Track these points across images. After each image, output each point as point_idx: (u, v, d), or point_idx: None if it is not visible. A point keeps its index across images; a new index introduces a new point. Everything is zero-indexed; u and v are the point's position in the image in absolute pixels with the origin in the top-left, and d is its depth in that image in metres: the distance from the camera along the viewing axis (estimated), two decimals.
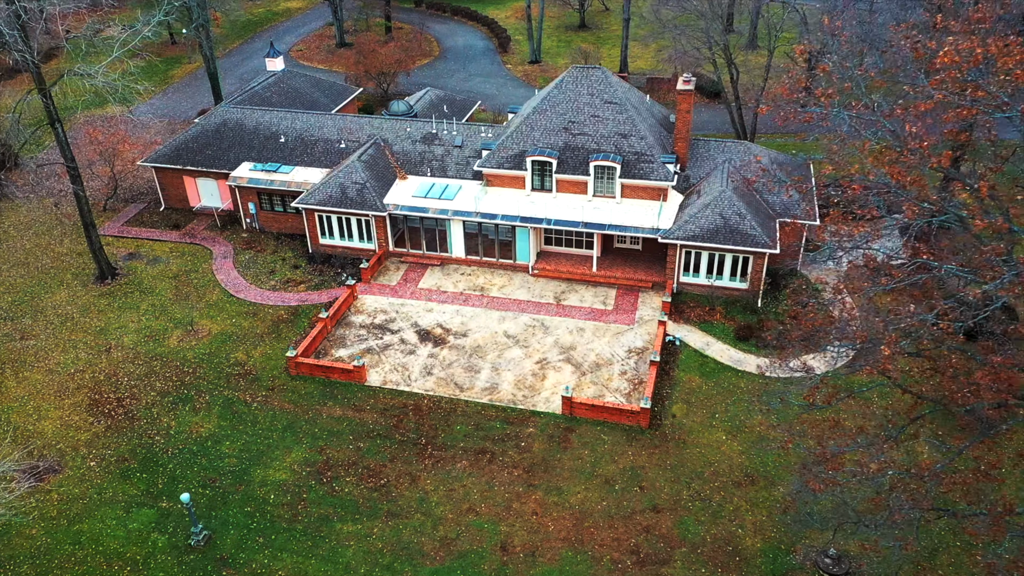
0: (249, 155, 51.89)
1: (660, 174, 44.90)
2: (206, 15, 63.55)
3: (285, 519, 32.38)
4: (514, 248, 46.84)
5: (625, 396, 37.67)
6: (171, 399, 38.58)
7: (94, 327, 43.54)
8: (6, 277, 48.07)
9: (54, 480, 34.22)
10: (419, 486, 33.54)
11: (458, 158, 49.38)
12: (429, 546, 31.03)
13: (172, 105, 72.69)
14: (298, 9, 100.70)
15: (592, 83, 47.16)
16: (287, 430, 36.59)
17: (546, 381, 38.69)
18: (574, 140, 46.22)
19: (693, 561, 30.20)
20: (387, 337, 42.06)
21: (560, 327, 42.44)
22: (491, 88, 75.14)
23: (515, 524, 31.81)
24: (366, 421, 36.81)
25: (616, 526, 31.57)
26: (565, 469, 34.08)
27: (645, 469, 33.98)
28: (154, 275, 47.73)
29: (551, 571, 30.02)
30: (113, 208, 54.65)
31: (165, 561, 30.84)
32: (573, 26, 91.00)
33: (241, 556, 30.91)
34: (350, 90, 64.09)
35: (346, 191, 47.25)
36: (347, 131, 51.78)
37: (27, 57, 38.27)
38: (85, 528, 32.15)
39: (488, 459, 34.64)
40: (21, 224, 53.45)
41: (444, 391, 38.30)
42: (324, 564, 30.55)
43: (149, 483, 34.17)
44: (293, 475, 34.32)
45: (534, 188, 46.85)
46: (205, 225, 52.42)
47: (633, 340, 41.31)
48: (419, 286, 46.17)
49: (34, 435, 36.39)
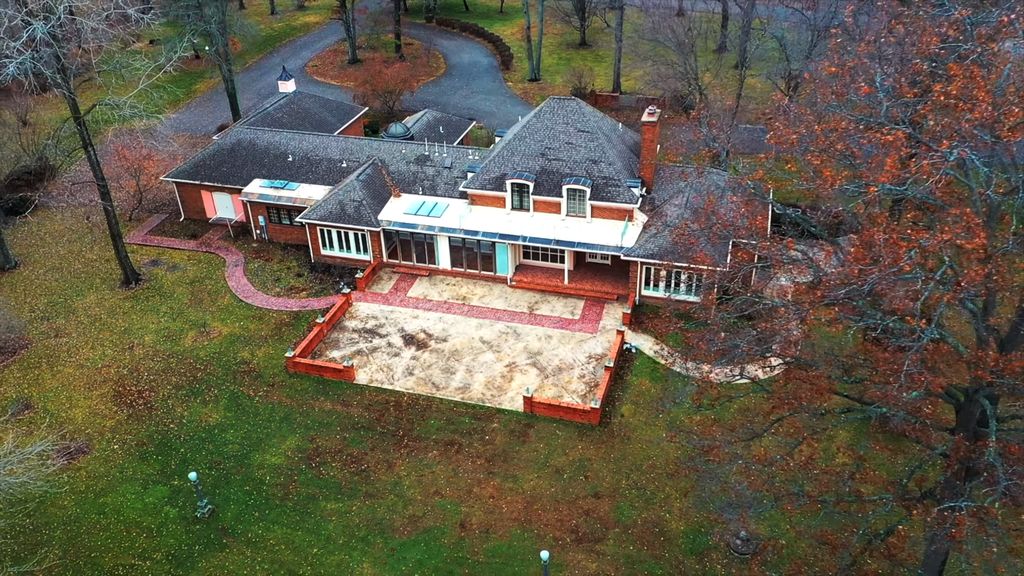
0: (260, 172, 57.37)
1: (626, 197, 49.75)
2: (225, 40, 69.18)
3: (278, 497, 37.72)
4: (494, 261, 51.90)
5: (581, 397, 42.63)
6: (184, 392, 44.10)
7: (119, 327, 49.20)
8: (42, 280, 53.91)
9: (83, 460, 39.82)
10: (394, 472, 38.74)
11: (447, 178, 54.51)
12: (399, 522, 36.23)
13: (194, 119, 78.47)
14: (315, 24, 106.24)
15: (567, 113, 52.09)
16: (283, 421, 41.96)
17: (512, 382, 43.74)
18: (550, 165, 51.19)
19: (624, 540, 35.13)
20: (376, 341, 47.32)
21: (530, 334, 47.45)
22: (491, 106, 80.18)
23: (474, 506, 36.90)
24: (352, 415, 42.09)
25: (561, 509, 36.57)
26: (522, 460, 39.13)
27: (591, 461, 38.93)
28: (173, 281, 53.35)
29: (501, 546, 35.09)
30: (138, 218, 60.40)
31: (175, 530, 36.30)
32: (574, 44, 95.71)
33: (240, 527, 36.29)
34: (356, 109, 69.48)
35: (345, 208, 52.55)
36: (348, 152, 57.10)
37: (65, 92, 43.92)
38: (108, 501, 37.70)
39: (456, 450, 39.77)
40: (56, 232, 59.33)
41: (422, 390, 43.49)
42: (309, 535, 35.84)
43: (163, 464, 39.67)
44: (287, 460, 39.67)
45: (513, 207, 51.88)
46: (220, 235, 58.02)
47: (594, 347, 46.24)
48: (408, 294, 51.37)
49: (66, 421, 42.04)
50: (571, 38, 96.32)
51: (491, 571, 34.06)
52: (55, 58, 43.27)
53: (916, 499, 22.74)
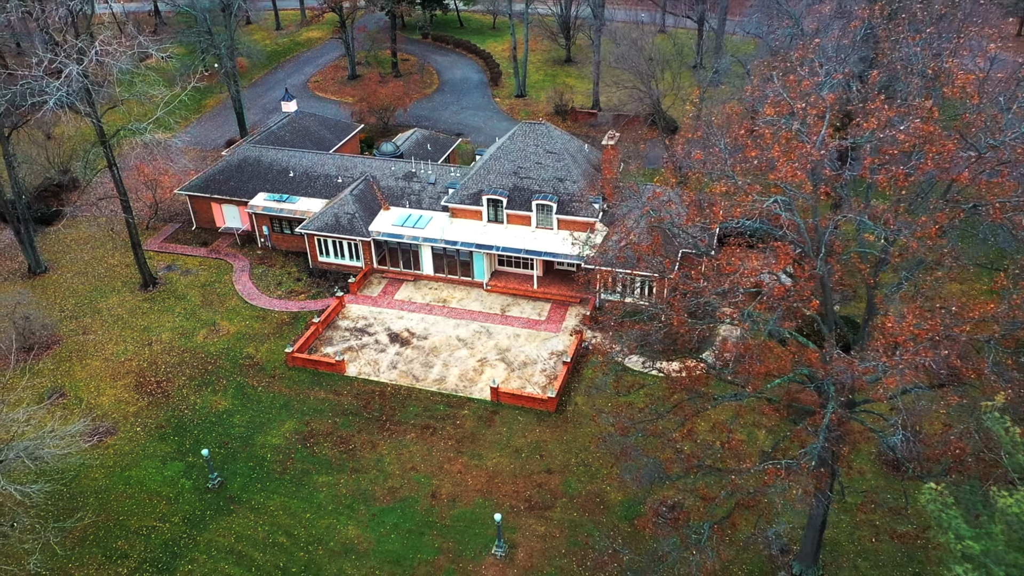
0: (264, 187, 63.81)
1: (588, 212, 56.03)
2: (234, 63, 75.64)
3: (277, 471, 44.14)
4: (472, 268, 58.24)
5: (541, 388, 48.95)
6: (197, 383, 50.55)
7: (139, 325, 55.70)
8: (70, 283, 60.48)
9: (111, 440, 46.33)
10: (377, 450, 45.13)
11: (431, 193, 60.86)
12: (380, 492, 42.62)
13: (204, 134, 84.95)
14: (318, 39, 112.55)
15: (537, 136, 58.40)
16: (283, 408, 48.39)
17: (483, 375, 50.07)
18: (521, 183, 57.50)
19: (569, 508, 41.44)
20: (365, 338, 53.71)
21: (501, 333, 53.79)
22: (479, 121, 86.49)
23: (444, 479, 43.27)
24: (342, 402, 48.49)
25: (517, 482, 42.89)
26: (487, 441, 45.46)
27: (546, 442, 45.26)
28: (186, 284, 59.85)
29: (466, 512, 41.43)
30: (154, 227, 66.94)
31: (190, 498, 42.75)
32: (560, 60, 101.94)
33: (244, 496, 42.72)
34: (353, 127, 75.88)
35: (340, 220, 58.94)
36: (343, 168, 63.51)
37: (94, 121, 50.40)
38: (133, 474, 44.18)
39: (431, 432, 46.14)
40: (80, 239, 65.91)
41: (404, 381, 49.87)
42: (303, 503, 42.24)
43: (179, 443, 46.12)
44: (285, 440, 46.09)
45: (489, 220, 58.19)
46: (228, 243, 64.50)
47: (556, 345, 52.55)
48: (395, 297, 57.76)
49: (96, 407, 48.54)
50: (557, 55, 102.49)
51: (456, 533, 40.41)
52: (85, 91, 49.74)
53: (776, 463, 28.81)
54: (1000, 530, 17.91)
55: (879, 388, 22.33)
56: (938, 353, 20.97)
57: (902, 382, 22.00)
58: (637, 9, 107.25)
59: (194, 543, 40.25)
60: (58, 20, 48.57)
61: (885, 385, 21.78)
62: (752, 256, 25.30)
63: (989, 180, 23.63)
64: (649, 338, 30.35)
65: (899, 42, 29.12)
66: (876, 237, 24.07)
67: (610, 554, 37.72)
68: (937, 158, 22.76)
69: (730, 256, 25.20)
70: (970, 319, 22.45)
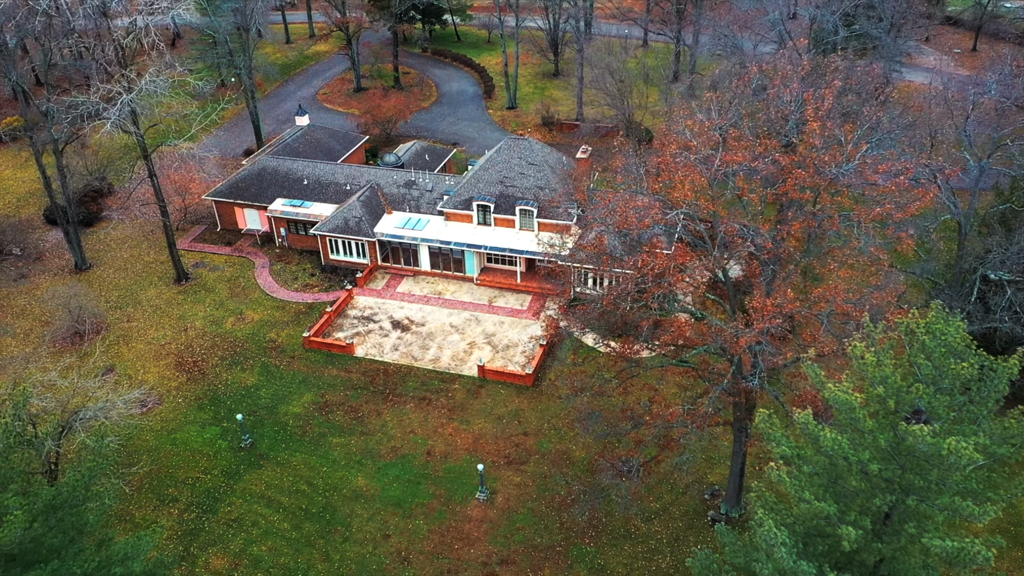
0: (282, 193, 72.41)
1: (565, 216, 64.61)
2: (252, 82, 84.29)
3: (298, 434, 52.76)
4: (464, 265, 66.83)
5: (521, 366, 57.55)
6: (228, 362, 59.19)
7: (175, 314, 64.35)
8: (112, 278, 69.15)
9: (158, 409, 54.99)
10: (382, 418, 53.74)
11: (429, 199, 69.44)
12: (384, 451, 51.24)
13: (223, 143, 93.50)
14: (325, 53, 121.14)
15: (521, 150, 67.01)
16: (302, 383, 57.01)
17: (472, 356, 58.68)
18: (506, 190, 66.09)
19: (541, 463, 50.04)
20: (371, 325, 62.34)
21: (488, 321, 62.39)
22: (473, 131, 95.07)
23: (438, 440, 51.88)
24: (352, 379, 57.11)
25: (499, 443, 51.50)
26: (474, 410, 54.07)
27: (524, 411, 53.86)
28: (214, 279, 68.49)
29: (455, 466, 50.05)
30: (183, 228, 75.58)
31: (226, 455, 51.39)
32: (549, 74, 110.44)
33: (271, 453, 51.37)
34: (359, 138, 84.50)
35: (348, 222, 67.55)
36: (351, 177, 72.11)
37: (138, 139, 59.03)
38: (178, 436, 52.85)
39: (427, 403, 54.74)
40: (119, 239, 74.57)
41: (404, 361, 58.48)
42: (320, 459, 50.86)
43: (215, 412, 54.76)
44: (304, 410, 54.70)
45: (479, 223, 66.78)
46: (249, 243, 73.14)
47: (535, 330, 61.14)
48: (396, 290, 66.37)
49: (143, 383, 57.16)
50: (546, 69, 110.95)
51: (447, 482, 49.05)
52: (132, 114, 58.38)
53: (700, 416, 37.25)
54: (798, 432, 26.18)
55: (739, 344, 30.77)
56: (784, 321, 29.34)
57: (750, 340, 30.38)
58: (622, 24, 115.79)
59: (231, 490, 48.94)
60: (110, 53, 57.12)
61: (739, 343, 30.24)
62: (659, 254, 33.74)
63: (833, 197, 31.99)
64: (588, 316, 38.77)
65: (779, 94, 37.51)
66: (748, 240, 32.52)
67: (570, 495, 46.31)
68: (795, 184, 31.17)
69: (651, 252, 33.68)
70: (811, 299, 30.87)
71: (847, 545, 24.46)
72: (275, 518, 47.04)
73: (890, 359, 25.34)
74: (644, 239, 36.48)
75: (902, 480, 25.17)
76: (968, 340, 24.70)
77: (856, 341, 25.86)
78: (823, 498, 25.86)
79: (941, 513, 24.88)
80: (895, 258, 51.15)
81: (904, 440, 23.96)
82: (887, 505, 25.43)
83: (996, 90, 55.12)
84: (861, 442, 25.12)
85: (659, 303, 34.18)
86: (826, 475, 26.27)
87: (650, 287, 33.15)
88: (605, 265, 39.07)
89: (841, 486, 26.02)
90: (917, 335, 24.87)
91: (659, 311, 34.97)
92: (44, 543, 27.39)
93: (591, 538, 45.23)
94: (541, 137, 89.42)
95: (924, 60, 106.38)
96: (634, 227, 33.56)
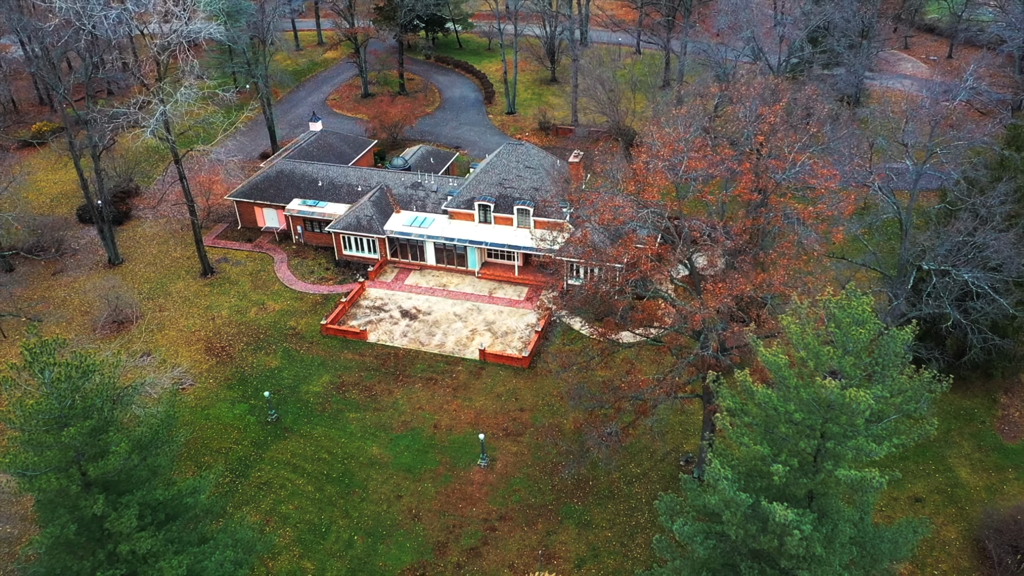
0: (298, 194, 78.57)
1: (558, 215, 70.73)
2: (268, 92, 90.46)
3: (318, 410, 58.92)
4: (466, 259, 72.97)
5: (518, 350, 63.69)
6: (253, 347, 65.36)
7: (203, 304, 70.52)
8: (143, 272, 75.34)
9: (191, 389, 61.17)
10: (393, 396, 59.90)
11: (434, 199, 75.57)
12: (395, 423, 57.41)
13: (240, 147, 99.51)
14: (334, 60, 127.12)
15: (518, 154, 73.15)
16: (320, 365, 63.17)
17: (473, 341, 64.82)
18: (505, 191, 72.22)
19: (535, 435, 56.19)
20: (382, 314, 68.49)
21: (489, 310, 68.53)
22: (474, 135, 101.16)
23: (443, 415, 58.04)
24: (366, 362, 63.27)
25: (498, 417, 57.65)
26: (476, 389, 60.22)
27: (520, 390, 60.00)
28: (237, 273, 74.66)
29: (459, 438, 56.20)
30: (206, 226, 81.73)
31: (255, 429, 57.57)
32: (546, 80, 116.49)
33: (295, 427, 57.53)
34: (368, 142, 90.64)
35: (360, 221, 73.70)
36: (363, 179, 78.25)
37: (171, 145, 65.21)
38: (211, 412, 59.02)
39: (433, 383, 60.91)
40: (147, 236, 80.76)
41: (412, 346, 64.63)
42: (339, 432, 57.02)
43: (243, 391, 60.93)
44: (323, 389, 60.87)
45: (480, 221, 72.91)
46: (268, 240, 79.29)
47: (531, 319, 67.28)
48: (405, 283, 72.51)
49: (177, 365, 63.34)
50: (543, 75, 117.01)
51: (452, 451, 55.22)
52: (165, 122, 64.56)
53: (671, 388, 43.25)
54: (739, 389, 32.26)
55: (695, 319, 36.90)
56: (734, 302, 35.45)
57: (705, 316, 36.50)
58: (615, 32, 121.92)
59: (260, 458, 55.13)
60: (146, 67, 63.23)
61: (695, 319, 36.37)
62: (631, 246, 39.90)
63: (780, 199, 38.07)
64: (574, 301, 44.86)
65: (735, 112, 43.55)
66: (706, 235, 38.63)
67: (561, 460, 52.45)
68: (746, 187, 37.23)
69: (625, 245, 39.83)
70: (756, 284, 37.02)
71: (777, 480, 30.60)
72: (300, 481, 53.25)
73: (812, 329, 31.48)
74: (622, 234, 42.54)
75: (822, 427, 31.31)
76: (869, 312, 30.79)
77: (787, 315, 31.99)
78: (759, 442, 32.00)
79: (851, 452, 30.99)
80: (847, 250, 57.23)
81: (820, 393, 30.09)
82: (811, 448, 31.58)
83: (967, 93, 60.50)
84: (788, 396, 31.26)
85: (633, 288, 40.31)
86: (762, 424, 32.41)
87: (624, 274, 39.21)
88: (588, 257, 45.07)
89: (774, 433, 32.16)
90: (830, 309, 31.02)
91: (633, 295, 41.05)
92: (133, 476, 33.78)
93: (579, 498, 51.41)
94: (538, 141, 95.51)
95: (902, 67, 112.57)
96: (612, 224, 39.57)
